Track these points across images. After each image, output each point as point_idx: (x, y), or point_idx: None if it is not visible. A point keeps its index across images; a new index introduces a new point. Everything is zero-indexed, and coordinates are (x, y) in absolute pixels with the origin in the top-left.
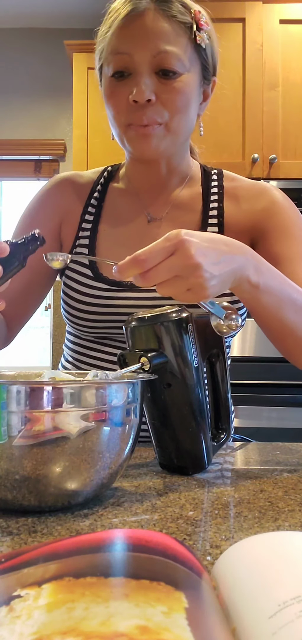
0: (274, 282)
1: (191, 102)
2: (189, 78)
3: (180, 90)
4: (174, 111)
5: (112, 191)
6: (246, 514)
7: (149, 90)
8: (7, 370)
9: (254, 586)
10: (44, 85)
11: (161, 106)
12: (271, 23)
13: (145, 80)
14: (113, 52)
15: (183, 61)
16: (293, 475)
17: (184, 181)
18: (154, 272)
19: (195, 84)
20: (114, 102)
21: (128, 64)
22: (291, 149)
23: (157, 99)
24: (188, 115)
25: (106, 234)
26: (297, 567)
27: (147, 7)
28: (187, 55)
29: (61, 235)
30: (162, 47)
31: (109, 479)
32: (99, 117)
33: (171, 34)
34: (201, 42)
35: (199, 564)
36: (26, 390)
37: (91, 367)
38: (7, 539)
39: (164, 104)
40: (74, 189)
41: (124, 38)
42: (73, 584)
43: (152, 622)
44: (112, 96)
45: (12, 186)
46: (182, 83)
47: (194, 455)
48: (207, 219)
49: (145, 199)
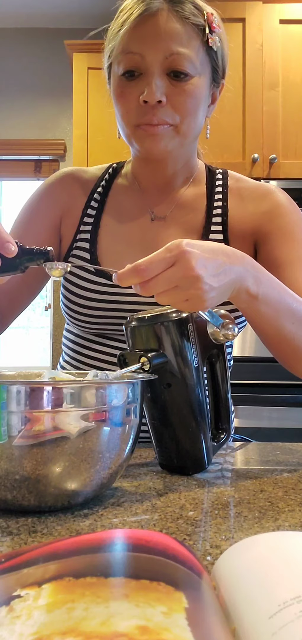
0: (273, 292)
1: (201, 105)
2: (199, 81)
3: (191, 93)
4: (184, 114)
5: (116, 188)
6: (246, 514)
7: (160, 92)
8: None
9: (254, 586)
10: (44, 85)
11: (171, 108)
12: (271, 23)
13: (156, 81)
14: (124, 51)
15: (195, 63)
16: (293, 475)
17: (188, 181)
18: (153, 282)
19: (205, 87)
20: (124, 102)
21: (139, 64)
22: (291, 149)
23: (168, 100)
24: (197, 118)
25: (108, 230)
26: (297, 567)
27: (161, 8)
28: (199, 58)
29: (61, 229)
30: (175, 49)
31: (109, 479)
32: (99, 117)
33: (183, 35)
34: (213, 44)
35: (199, 564)
36: (26, 390)
37: (90, 366)
38: (7, 539)
39: (174, 106)
40: (76, 183)
41: (136, 38)
42: (73, 584)
43: (152, 622)
44: (122, 95)
45: (12, 186)
46: (193, 86)
47: (194, 455)
48: (211, 218)
49: (149, 197)
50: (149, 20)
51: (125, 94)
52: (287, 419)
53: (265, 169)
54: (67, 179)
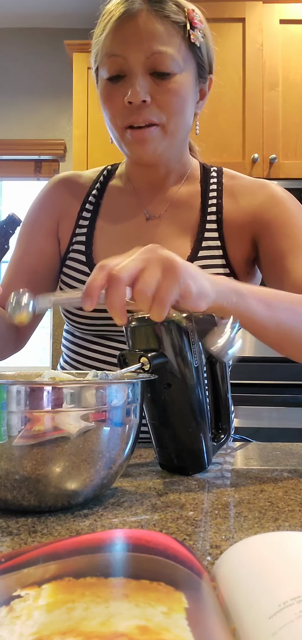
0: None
1: (187, 102)
2: (184, 78)
3: (175, 91)
4: (171, 113)
5: (111, 189)
6: (246, 514)
7: (143, 92)
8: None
9: (254, 586)
10: (44, 85)
11: (156, 108)
12: (271, 23)
13: (139, 82)
14: (107, 54)
15: (177, 61)
16: (293, 475)
17: (182, 179)
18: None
19: (190, 84)
20: (110, 105)
21: (122, 66)
22: (291, 149)
23: (153, 100)
24: (184, 116)
25: (103, 231)
26: (298, 567)
27: (140, 8)
28: (181, 55)
29: (59, 233)
30: (156, 48)
31: (109, 479)
32: (99, 117)
33: (164, 34)
34: (195, 40)
35: (199, 564)
36: (26, 390)
37: (90, 367)
38: (7, 539)
39: (160, 106)
40: (72, 188)
41: (117, 40)
42: (73, 584)
43: (152, 622)
44: (108, 99)
45: (12, 186)
46: (177, 84)
47: (194, 455)
48: (205, 216)
49: (143, 197)
50: (130, 22)
51: (112, 97)
52: (287, 419)
53: (265, 169)
54: (62, 184)
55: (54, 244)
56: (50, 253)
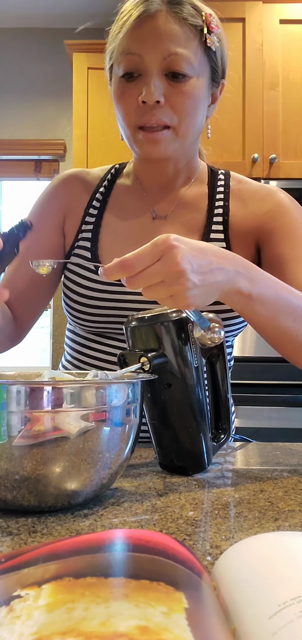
0: (270, 291)
1: (200, 105)
2: (198, 81)
3: (189, 94)
4: (183, 115)
5: (118, 187)
6: (246, 514)
7: (158, 92)
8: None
9: (254, 586)
10: (44, 85)
11: (169, 109)
12: (271, 23)
13: (154, 82)
14: (124, 52)
15: (193, 64)
16: (293, 475)
17: (190, 181)
18: (139, 276)
19: (204, 87)
20: (124, 103)
21: (138, 64)
22: (291, 149)
23: (166, 101)
24: (197, 119)
25: (110, 228)
26: (298, 567)
27: (159, 9)
28: (197, 59)
29: (64, 228)
30: (173, 50)
31: (109, 479)
32: (99, 117)
33: (181, 36)
34: (211, 45)
35: (199, 564)
36: (26, 390)
37: (91, 366)
38: (7, 539)
39: (173, 107)
40: (79, 184)
41: (135, 39)
42: (73, 584)
43: (152, 622)
44: (122, 97)
45: (12, 186)
46: (192, 86)
47: (194, 455)
48: (212, 218)
49: (150, 196)
50: (148, 22)
51: (125, 95)
52: (287, 419)
53: (265, 169)
54: (70, 180)
55: (60, 239)
56: (55, 247)
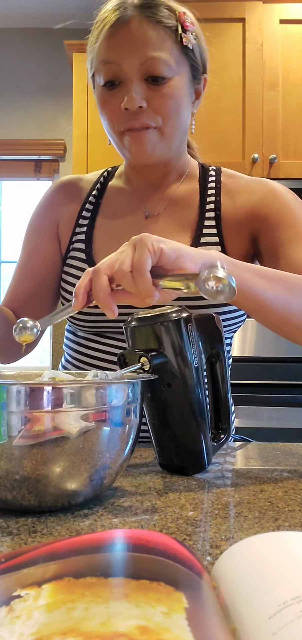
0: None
1: (182, 104)
2: (178, 81)
3: (170, 95)
4: (166, 116)
5: (110, 189)
6: (246, 514)
7: (139, 97)
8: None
9: (254, 586)
10: (44, 85)
11: (152, 112)
12: (271, 23)
13: (135, 88)
14: (102, 61)
15: (171, 65)
16: (293, 475)
17: (181, 178)
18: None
19: (185, 86)
20: (107, 111)
21: (117, 72)
22: (291, 149)
23: (149, 105)
24: (181, 117)
25: (103, 229)
26: (298, 567)
27: (133, 15)
28: (174, 59)
29: (59, 234)
30: (149, 54)
31: (109, 479)
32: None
33: (157, 39)
34: (188, 43)
35: (199, 564)
36: (26, 390)
37: (91, 366)
38: (7, 539)
39: (156, 110)
40: (72, 190)
41: (111, 47)
42: (73, 584)
43: (152, 622)
44: (105, 105)
45: (12, 186)
46: (172, 87)
47: (194, 455)
48: (204, 213)
49: (142, 196)
50: (123, 29)
51: (108, 103)
52: (287, 419)
53: (265, 169)
54: (63, 187)
55: (55, 246)
56: (52, 255)
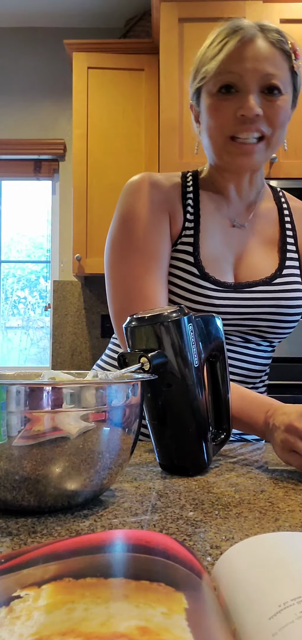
0: None
1: (287, 120)
2: (287, 99)
3: (282, 108)
4: (277, 126)
5: (204, 196)
6: (246, 514)
7: (257, 106)
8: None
9: (255, 587)
10: (44, 84)
11: (265, 121)
12: (272, 22)
13: (254, 97)
14: (223, 71)
15: (284, 83)
16: (293, 475)
17: (260, 194)
18: None
19: (289, 106)
20: (219, 115)
21: (237, 82)
22: (292, 149)
23: (263, 114)
24: (284, 132)
25: (206, 235)
26: (298, 568)
27: (256, 34)
28: (287, 79)
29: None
30: (270, 70)
31: (109, 479)
32: (99, 116)
33: (277, 59)
34: (297, 69)
35: (199, 565)
36: (26, 390)
37: None
38: (6, 539)
39: (269, 119)
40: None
41: (235, 60)
42: (73, 585)
43: (152, 623)
44: (217, 109)
45: (12, 186)
46: (284, 101)
47: (194, 455)
48: (285, 232)
49: (230, 206)
50: (247, 45)
51: (221, 108)
52: None
53: (265, 169)
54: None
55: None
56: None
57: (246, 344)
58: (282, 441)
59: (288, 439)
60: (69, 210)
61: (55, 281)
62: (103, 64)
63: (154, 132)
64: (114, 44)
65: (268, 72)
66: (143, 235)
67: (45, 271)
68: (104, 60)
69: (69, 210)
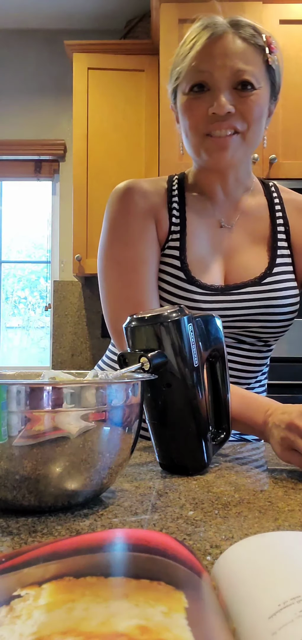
0: None
1: (264, 114)
2: (262, 93)
3: (256, 103)
4: (251, 121)
5: (189, 198)
6: (246, 513)
7: (228, 104)
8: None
9: (254, 586)
10: (44, 85)
11: (239, 117)
12: (271, 23)
13: (224, 95)
14: (194, 69)
15: (258, 78)
16: (293, 475)
17: (249, 191)
18: None
19: (266, 100)
20: (192, 114)
21: (208, 79)
22: (291, 149)
23: (236, 110)
24: (261, 127)
25: (194, 236)
26: (297, 567)
27: (226, 31)
28: (261, 74)
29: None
30: (241, 66)
31: (109, 479)
32: (99, 117)
33: (247, 54)
34: (272, 63)
35: (199, 564)
36: (26, 390)
37: None
38: (7, 539)
39: (242, 115)
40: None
41: (204, 58)
42: (73, 584)
43: (152, 622)
44: (190, 108)
45: (12, 186)
46: (258, 96)
47: (194, 455)
48: (275, 227)
49: (217, 206)
50: (216, 42)
51: (194, 107)
52: None
53: (265, 169)
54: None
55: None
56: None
57: (239, 344)
58: (282, 439)
59: (288, 436)
60: (69, 210)
61: (56, 281)
62: (103, 64)
63: (154, 132)
64: (114, 45)
65: (239, 68)
66: (131, 242)
67: (46, 271)
68: (104, 61)
69: (69, 211)
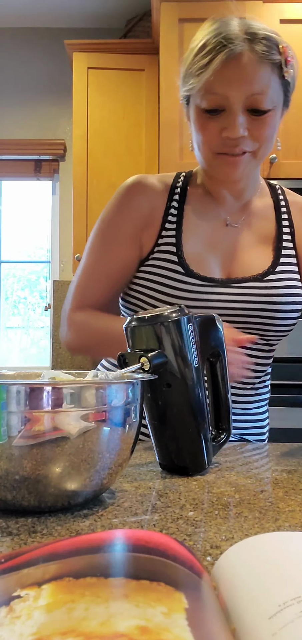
0: None
1: (276, 130)
2: (275, 111)
3: (269, 124)
4: (263, 142)
5: (192, 195)
6: (246, 514)
7: (242, 128)
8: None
9: (254, 586)
10: (44, 85)
11: (250, 139)
12: (271, 23)
13: (239, 119)
14: (208, 91)
15: (272, 99)
16: (293, 475)
17: (256, 191)
18: None
19: (279, 115)
20: (205, 133)
21: (223, 102)
22: (291, 149)
23: (248, 133)
24: (272, 142)
25: (191, 233)
26: (298, 568)
27: (243, 50)
28: (275, 92)
29: (142, 238)
30: (256, 90)
31: (109, 479)
32: (99, 116)
33: (264, 76)
34: (288, 77)
35: (199, 565)
36: (26, 390)
37: None
38: (7, 539)
39: (254, 137)
40: (151, 192)
41: (220, 80)
42: (73, 585)
43: (152, 622)
44: (203, 127)
45: (12, 186)
46: (271, 117)
47: (194, 455)
48: (281, 228)
49: (223, 206)
50: (232, 63)
51: (207, 127)
52: (287, 419)
53: (265, 169)
54: (140, 189)
55: (136, 251)
56: (130, 260)
57: None
58: None
59: None
60: (69, 210)
61: (56, 281)
62: (103, 64)
63: (154, 132)
64: (114, 44)
65: (254, 92)
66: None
67: (46, 271)
68: (104, 60)
69: (69, 210)
